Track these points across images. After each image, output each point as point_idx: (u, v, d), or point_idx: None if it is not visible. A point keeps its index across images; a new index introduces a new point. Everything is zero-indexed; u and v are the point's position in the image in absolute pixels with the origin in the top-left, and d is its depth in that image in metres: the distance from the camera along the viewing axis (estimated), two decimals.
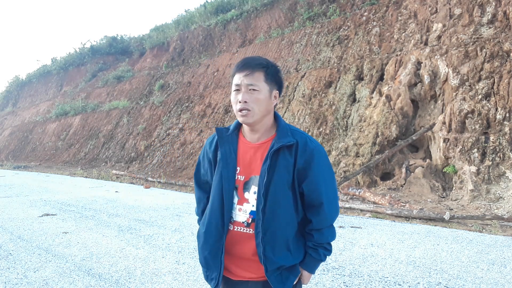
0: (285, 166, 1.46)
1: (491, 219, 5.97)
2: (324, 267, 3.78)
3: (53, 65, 34.46)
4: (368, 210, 7.09)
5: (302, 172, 1.48)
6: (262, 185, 1.45)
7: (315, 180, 1.48)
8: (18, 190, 10.65)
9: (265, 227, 1.45)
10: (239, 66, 1.50)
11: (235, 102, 1.49)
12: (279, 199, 1.46)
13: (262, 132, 1.53)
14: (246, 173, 1.51)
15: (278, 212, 1.46)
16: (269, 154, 1.45)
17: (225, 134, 1.56)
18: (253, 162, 1.51)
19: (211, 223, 1.53)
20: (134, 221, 6.20)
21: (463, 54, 8.85)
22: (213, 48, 20.99)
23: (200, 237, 1.59)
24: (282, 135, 1.48)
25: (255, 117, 1.46)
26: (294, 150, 1.47)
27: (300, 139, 1.48)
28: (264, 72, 1.48)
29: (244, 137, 1.56)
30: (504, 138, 7.52)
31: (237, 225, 1.51)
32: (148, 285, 3.36)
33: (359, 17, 13.38)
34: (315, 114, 11.33)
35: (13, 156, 27.85)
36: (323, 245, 1.53)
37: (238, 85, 1.48)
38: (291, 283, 1.50)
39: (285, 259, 1.48)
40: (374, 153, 9.30)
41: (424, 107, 9.59)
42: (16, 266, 3.89)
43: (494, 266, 3.81)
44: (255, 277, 1.50)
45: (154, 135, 17.90)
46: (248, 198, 1.50)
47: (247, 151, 1.53)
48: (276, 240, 1.46)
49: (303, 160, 1.47)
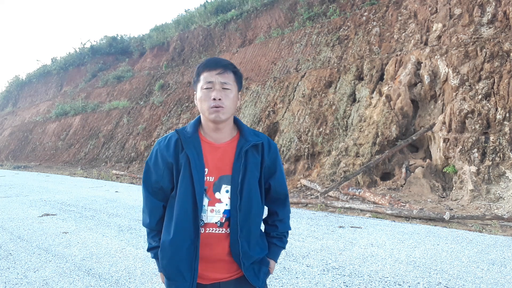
0: (255, 163, 1.54)
1: (491, 219, 5.97)
2: (324, 267, 3.78)
3: (53, 65, 34.47)
4: (368, 210, 7.09)
5: (270, 169, 1.60)
6: (237, 182, 1.49)
7: (280, 176, 1.63)
8: (18, 190, 10.65)
9: (242, 223, 1.49)
10: (210, 64, 1.51)
11: (206, 100, 1.48)
12: (252, 196, 1.52)
13: (226, 132, 1.56)
14: (215, 174, 1.51)
15: (252, 208, 1.52)
16: (243, 152, 1.51)
17: (187, 136, 1.53)
18: (221, 161, 1.52)
19: (180, 230, 1.46)
20: (134, 221, 6.20)
21: (463, 54, 8.85)
22: (213, 48, 20.99)
23: (166, 249, 1.49)
24: (248, 135, 1.56)
25: (226, 115, 1.49)
26: (261, 149, 1.56)
27: (264, 139, 1.58)
28: (233, 74, 1.53)
29: (206, 138, 1.55)
30: (504, 138, 7.52)
31: (209, 227, 1.49)
32: (148, 285, 3.36)
33: (359, 17, 13.38)
34: (315, 114, 11.33)
35: (13, 156, 27.85)
36: (285, 234, 1.67)
37: (211, 82, 1.48)
38: (264, 274, 1.57)
39: (258, 252, 1.56)
40: (374, 153, 9.30)
41: (424, 107, 9.59)
42: (16, 266, 3.89)
43: (494, 266, 3.81)
44: (226, 277, 1.52)
45: (154, 135, 17.90)
46: (220, 198, 1.50)
47: (213, 151, 1.53)
48: (251, 235, 1.53)
49: (270, 158, 1.58)
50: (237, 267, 1.52)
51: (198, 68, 1.53)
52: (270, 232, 1.65)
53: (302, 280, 3.43)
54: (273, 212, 1.65)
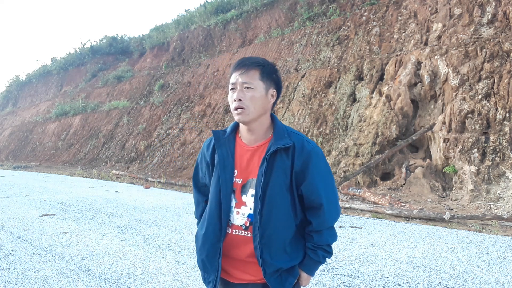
0: (282, 168, 1.45)
1: (491, 219, 5.97)
2: (324, 267, 3.78)
3: (53, 65, 34.46)
4: (368, 210, 7.09)
5: (300, 174, 1.47)
6: (259, 187, 1.44)
7: (314, 182, 1.47)
8: (18, 190, 10.65)
9: (262, 230, 1.44)
10: (235, 65, 1.51)
11: (230, 101, 1.49)
12: (276, 202, 1.45)
13: (259, 133, 1.51)
14: (243, 176, 1.50)
15: (275, 214, 1.45)
16: (266, 157, 1.44)
17: (222, 137, 1.55)
18: (250, 165, 1.50)
19: (209, 226, 1.52)
20: (134, 221, 6.20)
21: (463, 54, 8.85)
22: (213, 48, 20.99)
23: (198, 240, 1.58)
24: (278, 137, 1.47)
25: (250, 116, 1.45)
26: (291, 152, 1.46)
27: (297, 141, 1.47)
28: (259, 70, 1.47)
29: (241, 140, 1.55)
30: (504, 138, 7.52)
31: (235, 228, 1.50)
32: (148, 285, 3.36)
33: (359, 17, 13.38)
34: (315, 114, 11.33)
35: (13, 156, 27.85)
36: (322, 247, 1.52)
37: (233, 83, 1.47)
38: (290, 284, 1.48)
39: (283, 261, 1.46)
40: (374, 153, 9.30)
41: (424, 107, 9.59)
42: (16, 266, 3.89)
43: (494, 266, 3.81)
44: (254, 280, 1.50)
45: (154, 135, 17.90)
46: (246, 201, 1.49)
47: (244, 154, 1.52)
48: (273, 243, 1.45)
49: (301, 162, 1.46)
50: None
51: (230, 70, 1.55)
52: (306, 243, 1.54)
53: None
54: (308, 222, 1.53)
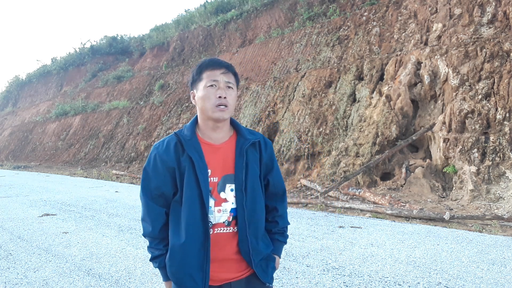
0: (255, 161, 1.57)
1: (491, 219, 5.97)
2: (324, 267, 3.78)
3: (53, 65, 34.46)
4: (368, 210, 7.09)
5: (268, 166, 1.64)
6: (241, 180, 1.51)
7: (277, 172, 1.68)
8: (18, 190, 10.65)
9: (249, 220, 1.51)
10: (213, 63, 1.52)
11: (210, 98, 1.48)
12: (255, 192, 1.55)
13: (226, 131, 1.58)
14: (218, 174, 1.51)
15: (256, 204, 1.55)
16: (244, 150, 1.53)
17: (187, 139, 1.51)
18: (223, 161, 1.53)
19: (192, 233, 1.45)
20: (134, 221, 6.20)
21: (463, 54, 8.85)
22: (213, 48, 20.99)
23: (177, 253, 1.47)
24: (246, 133, 1.60)
25: (229, 114, 1.53)
26: (258, 146, 1.60)
27: (260, 137, 1.63)
28: (233, 73, 1.57)
29: (204, 139, 1.54)
30: (504, 138, 7.52)
31: (217, 227, 1.49)
32: (148, 285, 3.36)
33: (359, 17, 13.38)
34: (315, 114, 11.33)
35: (13, 156, 27.85)
36: (285, 229, 1.70)
37: (215, 81, 1.49)
38: (273, 270, 1.60)
39: (265, 248, 1.58)
40: (374, 153, 9.29)
41: (424, 107, 9.59)
42: (16, 266, 3.89)
43: (494, 266, 3.81)
44: (237, 276, 1.53)
45: (154, 135, 17.90)
46: (226, 197, 1.51)
47: (213, 152, 1.53)
48: (258, 231, 1.56)
49: (268, 154, 1.63)
50: (246, 266, 1.53)
51: (199, 67, 1.54)
52: (272, 229, 1.67)
53: (302, 280, 3.43)
54: (273, 208, 1.67)
